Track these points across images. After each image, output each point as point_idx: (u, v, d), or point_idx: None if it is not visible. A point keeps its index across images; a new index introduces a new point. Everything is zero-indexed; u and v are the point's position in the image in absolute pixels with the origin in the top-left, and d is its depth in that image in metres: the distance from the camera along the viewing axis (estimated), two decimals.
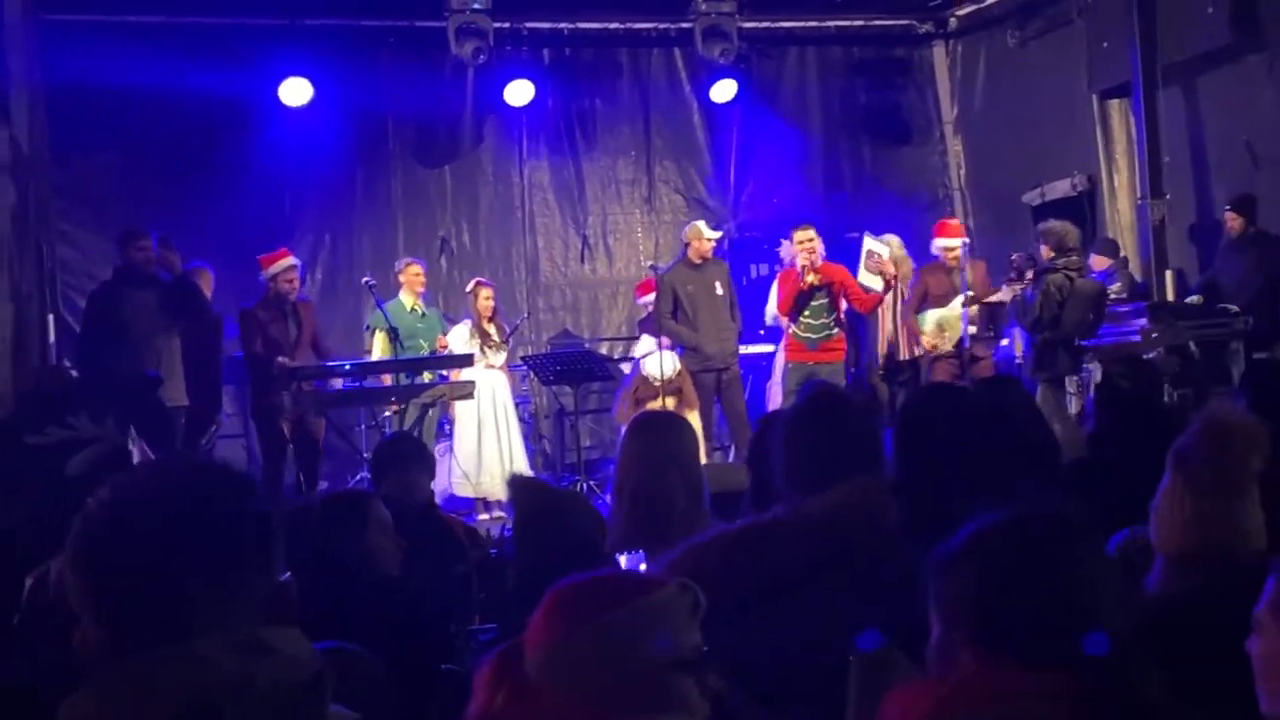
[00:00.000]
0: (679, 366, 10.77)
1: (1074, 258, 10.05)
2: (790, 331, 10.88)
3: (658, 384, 10.61)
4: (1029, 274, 10.26)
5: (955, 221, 11.17)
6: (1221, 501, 2.87)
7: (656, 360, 10.67)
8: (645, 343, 11.13)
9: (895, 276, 11.07)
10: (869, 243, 11.33)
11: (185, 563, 1.79)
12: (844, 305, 10.88)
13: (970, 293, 10.78)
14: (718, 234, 11.35)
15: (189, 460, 2.24)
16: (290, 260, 10.08)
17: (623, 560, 3.86)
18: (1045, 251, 10.14)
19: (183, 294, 9.41)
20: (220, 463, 1.96)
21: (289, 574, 1.99)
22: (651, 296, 11.45)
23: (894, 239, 11.50)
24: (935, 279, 10.95)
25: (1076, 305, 9.90)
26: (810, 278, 10.63)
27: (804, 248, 10.76)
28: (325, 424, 10.13)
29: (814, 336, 10.79)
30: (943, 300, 10.84)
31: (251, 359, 10.03)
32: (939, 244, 11.03)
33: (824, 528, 3.07)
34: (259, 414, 10.05)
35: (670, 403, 10.51)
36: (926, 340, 10.86)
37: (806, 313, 10.80)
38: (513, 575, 4.10)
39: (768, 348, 12.00)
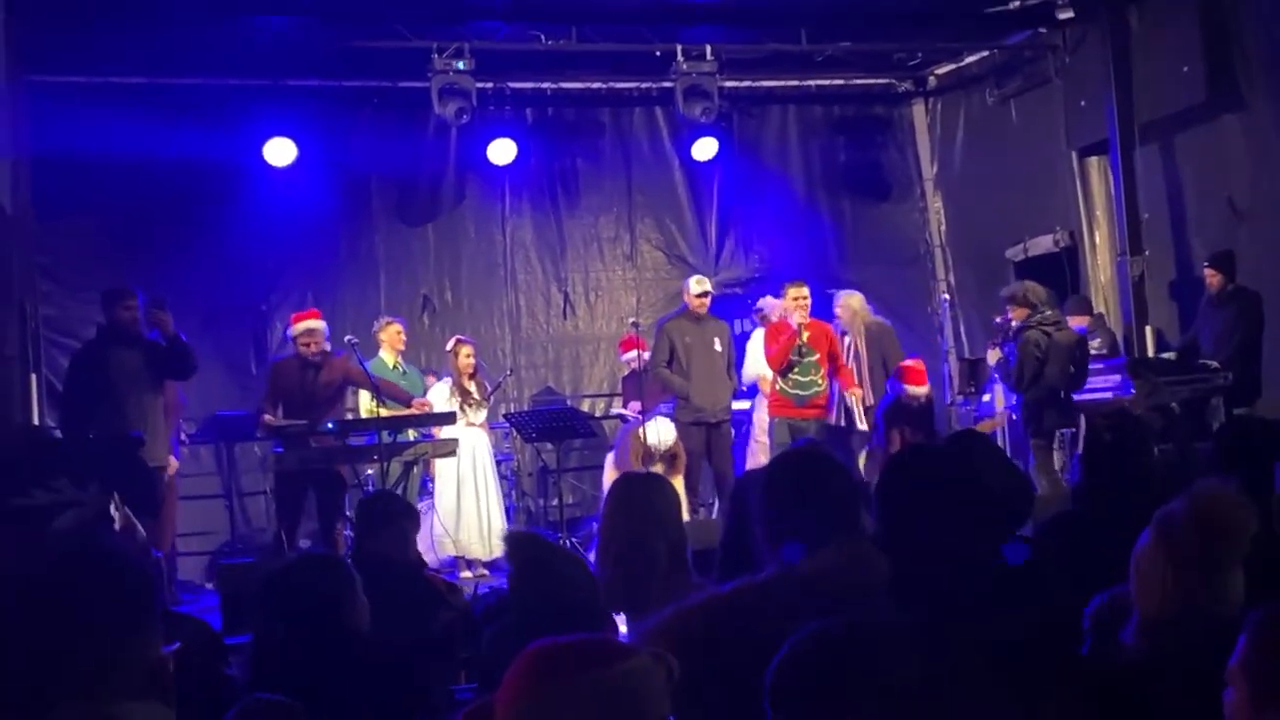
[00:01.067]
0: (675, 434, 10.79)
1: (1047, 313, 10.06)
2: (777, 388, 10.92)
3: (656, 450, 10.63)
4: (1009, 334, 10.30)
5: (921, 367, 11.11)
6: (1204, 574, 2.88)
7: (655, 429, 10.70)
8: (658, 427, 11.04)
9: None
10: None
11: (50, 636, 1.78)
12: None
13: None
14: (704, 288, 11.32)
15: (65, 535, 2.24)
16: (310, 324, 10.12)
17: (621, 620, 3.87)
18: (1018, 313, 10.11)
19: (181, 355, 9.40)
20: (95, 536, 1.97)
21: (176, 645, 1.98)
22: (634, 354, 11.48)
23: (855, 296, 11.57)
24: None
25: (1057, 358, 9.92)
26: (805, 335, 10.73)
27: (799, 304, 10.83)
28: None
29: (802, 394, 10.84)
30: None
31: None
32: (910, 390, 10.88)
33: (815, 588, 3.06)
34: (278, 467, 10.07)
35: (660, 469, 10.49)
36: None
37: (796, 369, 10.86)
38: (493, 632, 4.10)
39: (744, 404, 11.99)
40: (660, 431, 10.72)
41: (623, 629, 3.93)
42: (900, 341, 11.70)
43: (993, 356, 10.62)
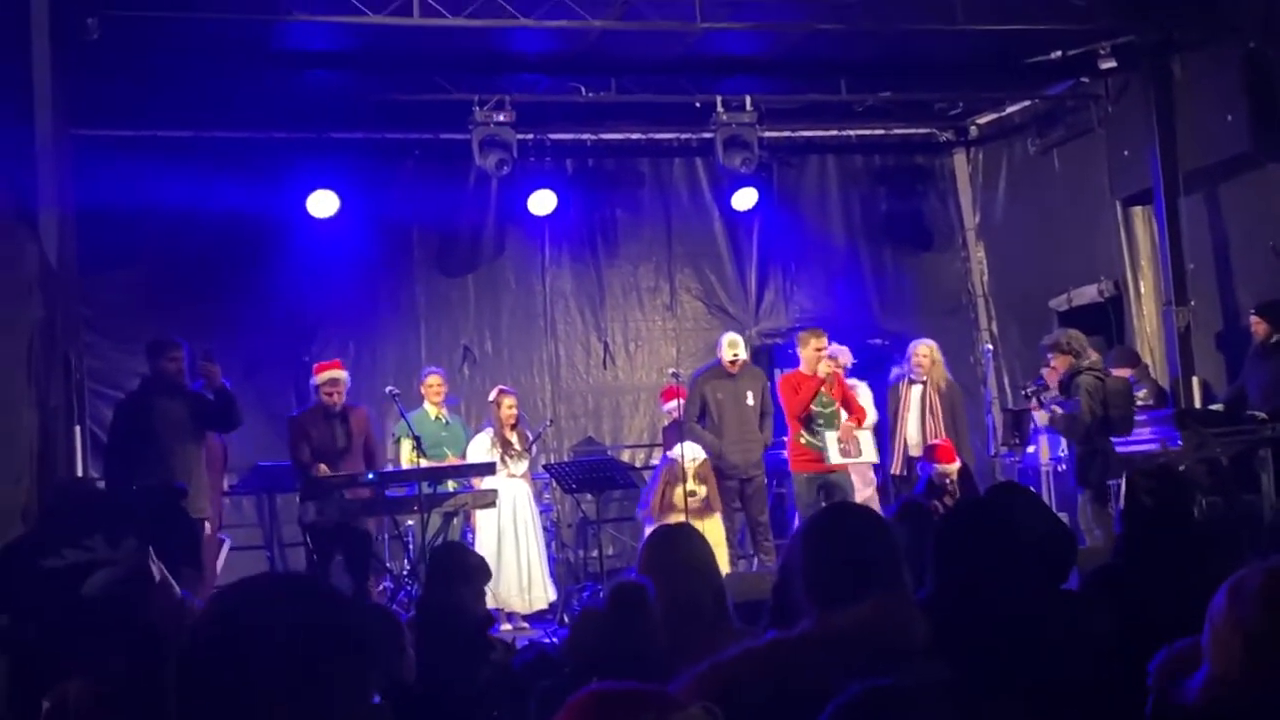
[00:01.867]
0: (705, 457, 10.72)
1: (1093, 357, 9.99)
2: (802, 441, 10.82)
3: (689, 468, 10.52)
4: (1052, 390, 10.16)
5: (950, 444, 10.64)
6: (1275, 646, 2.82)
7: (689, 446, 10.66)
8: (690, 446, 10.99)
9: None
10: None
11: (273, 685, 1.76)
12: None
13: None
14: (735, 351, 11.26)
15: (286, 579, 2.21)
16: (333, 374, 10.20)
17: None
18: (1061, 360, 10.00)
19: (225, 407, 9.46)
20: (319, 583, 1.95)
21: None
22: (675, 404, 11.44)
23: (934, 346, 11.46)
24: None
25: (1117, 402, 9.82)
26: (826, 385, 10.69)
27: (821, 354, 10.77)
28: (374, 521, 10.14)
29: (824, 448, 10.74)
30: None
31: (297, 467, 10.10)
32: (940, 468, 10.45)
33: (852, 641, 3.03)
34: (303, 521, 10.08)
35: (700, 490, 10.41)
36: None
37: (820, 420, 10.79)
38: (548, 686, 4.09)
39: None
40: (688, 450, 10.61)
41: None
42: None
43: (1042, 418, 10.43)
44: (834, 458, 10.74)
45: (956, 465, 10.31)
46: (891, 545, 3.29)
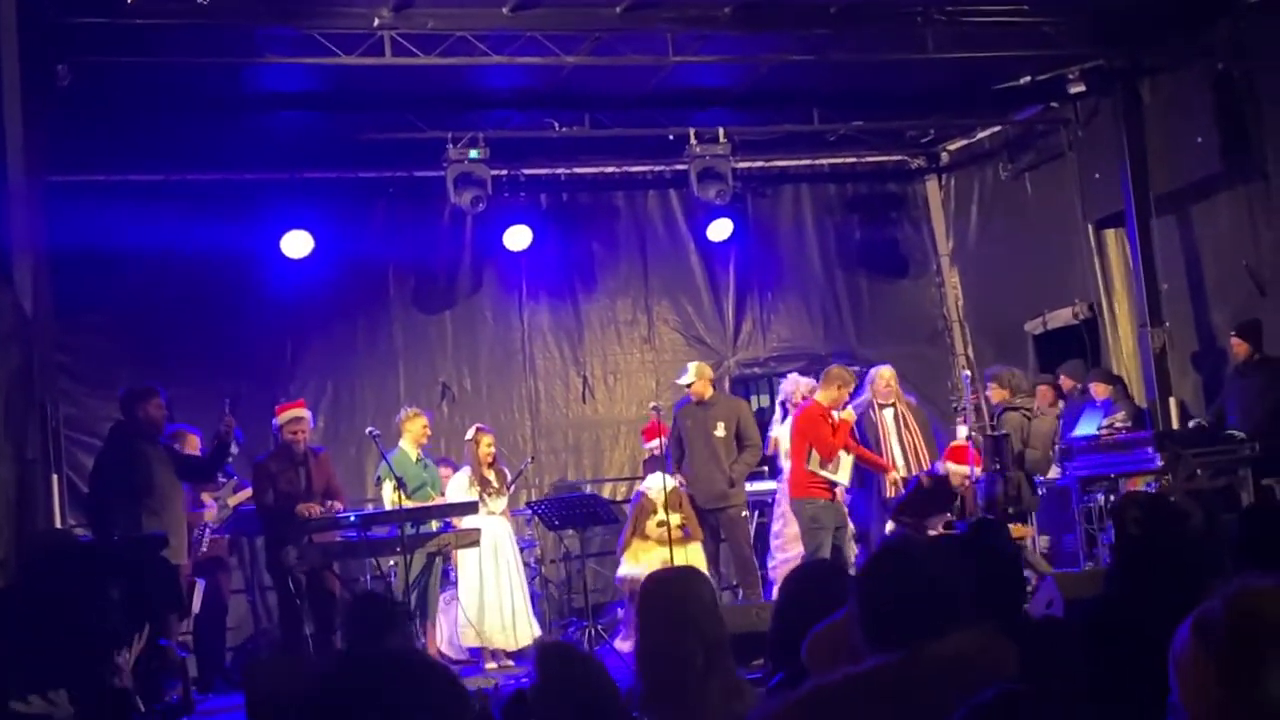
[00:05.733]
0: (675, 485, 10.70)
1: (1029, 399, 10.91)
2: (809, 469, 10.74)
3: (656, 498, 10.50)
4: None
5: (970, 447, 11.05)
6: (1252, 677, 2.78)
7: (652, 478, 10.70)
8: (654, 477, 11.01)
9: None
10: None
11: None
12: None
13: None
14: (687, 378, 11.32)
15: (392, 654, 2.22)
16: (296, 412, 10.12)
17: None
18: (997, 393, 10.93)
19: (219, 459, 9.49)
20: (422, 656, 1.97)
21: None
22: (657, 442, 11.45)
23: (889, 369, 11.56)
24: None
25: (1036, 443, 10.87)
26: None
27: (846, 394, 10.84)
28: (338, 576, 10.06)
29: (833, 478, 10.72)
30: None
31: (264, 512, 10.01)
32: (951, 469, 10.94)
33: (951, 674, 2.94)
34: (273, 567, 9.98)
35: (673, 518, 10.40)
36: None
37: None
38: None
39: (768, 485, 11.90)
40: (654, 481, 10.62)
41: None
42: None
43: (961, 432, 10.85)
44: (844, 478, 10.78)
45: (972, 470, 10.62)
46: (950, 578, 3.21)
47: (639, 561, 10.48)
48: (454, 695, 1.96)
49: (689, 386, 11.24)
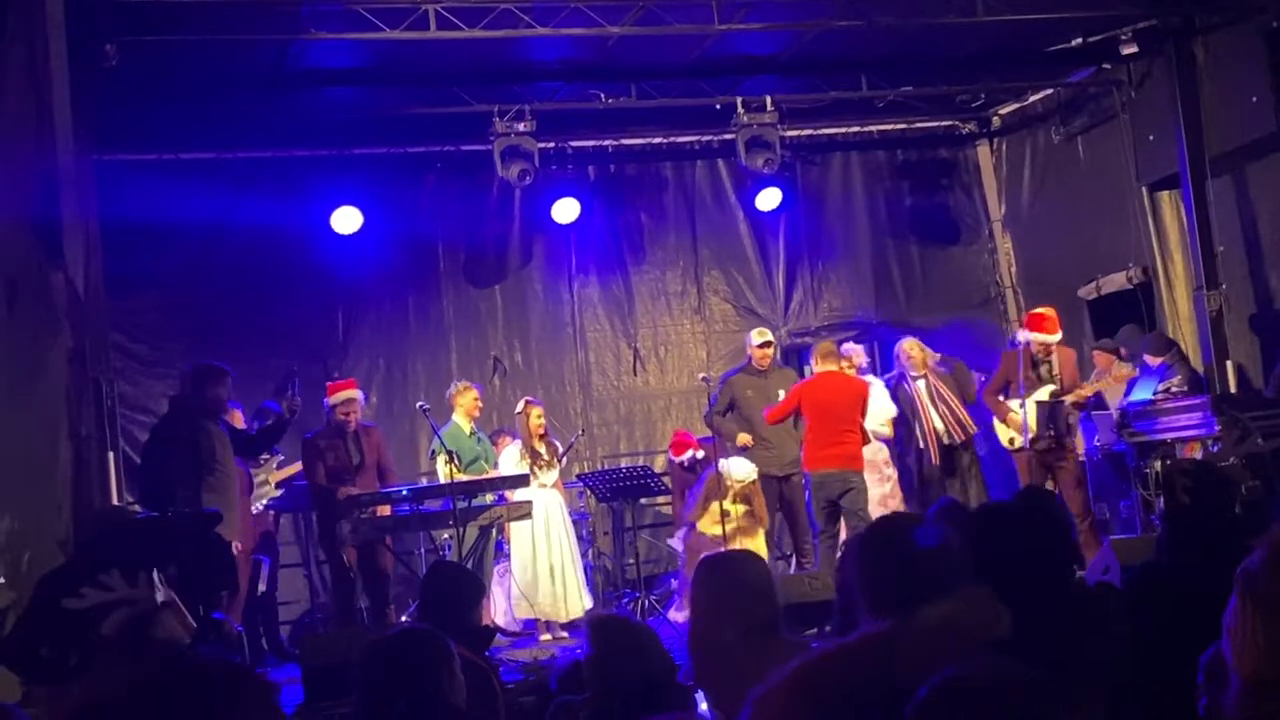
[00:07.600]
0: (754, 477, 10.70)
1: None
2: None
3: (731, 485, 10.53)
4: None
5: (1051, 314, 11.03)
6: None
7: (736, 463, 10.70)
8: (737, 463, 10.96)
9: None
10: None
11: None
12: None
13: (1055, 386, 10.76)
14: (764, 337, 11.35)
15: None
16: (349, 393, 10.19)
17: (701, 699, 3.81)
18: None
19: (276, 435, 9.58)
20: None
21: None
22: (687, 454, 11.56)
23: (912, 342, 11.62)
24: (1015, 366, 10.85)
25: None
26: None
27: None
28: (391, 552, 10.13)
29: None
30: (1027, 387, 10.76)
31: (315, 488, 10.09)
32: (1033, 337, 10.88)
33: (939, 638, 2.95)
34: (326, 542, 10.08)
35: (736, 509, 10.43)
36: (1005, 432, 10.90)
37: None
38: (561, 703, 4.07)
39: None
40: (734, 468, 10.62)
41: (703, 706, 3.87)
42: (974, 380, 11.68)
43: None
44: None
45: (1058, 337, 10.84)
46: (946, 545, 3.24)
47: (706, 532, 10.57)
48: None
49: (763, 346, 11.25)
